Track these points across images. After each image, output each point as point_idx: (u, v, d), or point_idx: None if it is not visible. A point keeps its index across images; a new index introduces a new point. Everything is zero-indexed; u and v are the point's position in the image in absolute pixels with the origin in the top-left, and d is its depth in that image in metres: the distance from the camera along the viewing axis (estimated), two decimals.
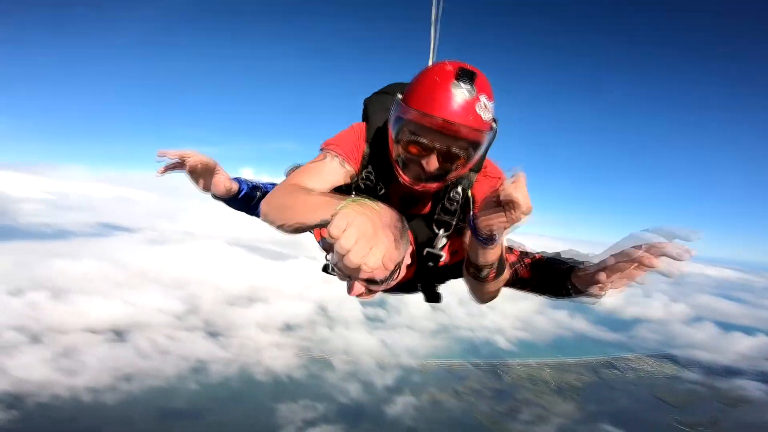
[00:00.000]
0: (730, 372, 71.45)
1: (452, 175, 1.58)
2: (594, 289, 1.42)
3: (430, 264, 1.74)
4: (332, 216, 1.03)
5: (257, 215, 1.82)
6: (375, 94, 1.98)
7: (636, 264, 1.32)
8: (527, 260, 1.80)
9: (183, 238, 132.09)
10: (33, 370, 45.71)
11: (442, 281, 1.95)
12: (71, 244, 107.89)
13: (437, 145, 1.46)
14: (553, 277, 1.64)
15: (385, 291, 1.91)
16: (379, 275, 1.07)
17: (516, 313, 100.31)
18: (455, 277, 1.84)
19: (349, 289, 1.38)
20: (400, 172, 1.58)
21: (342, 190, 1.81)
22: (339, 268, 1.18)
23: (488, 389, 60.23)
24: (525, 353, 78.43)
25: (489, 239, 1.35)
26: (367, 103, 1.94)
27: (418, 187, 1.58)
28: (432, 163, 1.49)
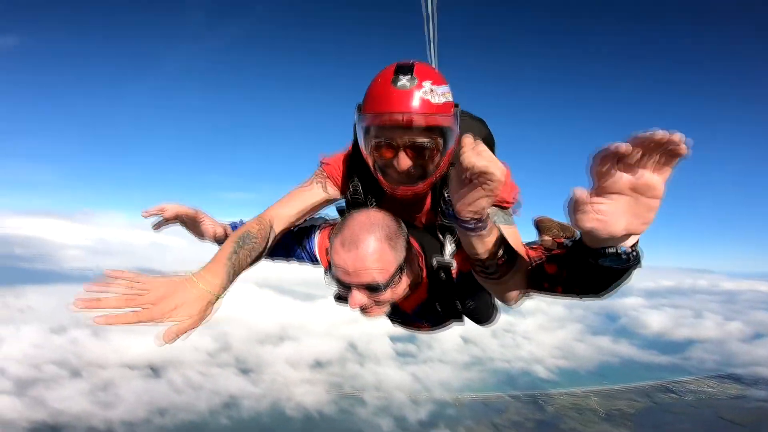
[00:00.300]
0: None
1: (431, 169, 1.51)
2: (585, 219, 0.94)
3: (443, 276, 1.64)
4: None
5: (271, 256, 1.88)
6: None
7: (615, 161, 0.88)
8: (554, 251, 1.53)
9: None
10: (71, 402, 46.97)
11: (461, 296, 1.74)
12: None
13: (398, 141, 1.43)
14: (578, 255, 1.21)
15: (411, 327, 2.16)
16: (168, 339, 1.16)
17: (554, 343, 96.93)
18: (473, 289, 1.64)
19: (351, 302, 1.45)
20: (382, 180, 1.56)
21: (349, 203, 1.88)
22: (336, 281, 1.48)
23: (530, 420, 56.13)
24: (567, 382, 73.84)
25: (478, 223, 1.17)
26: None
27: (402, 192, 1.54)
28: (403, 161, 1.46)
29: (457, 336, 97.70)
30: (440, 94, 1.44)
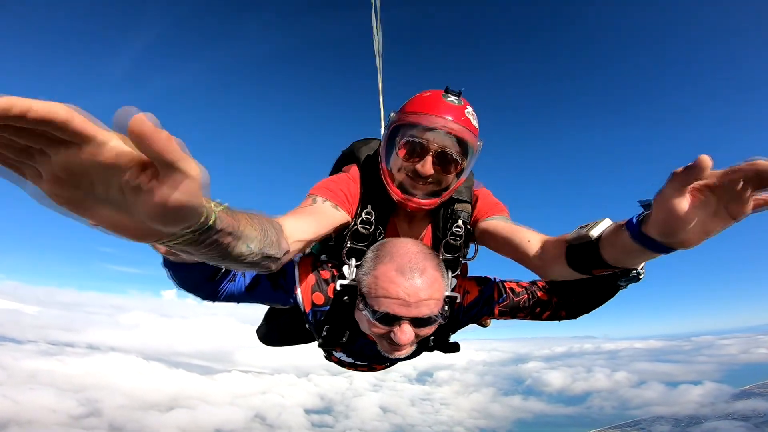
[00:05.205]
0: (697, 419, 72.65)
1: (444, 186, 1.58)
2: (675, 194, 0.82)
3: (447, 309, 1.50)
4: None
5: (218, 296, 1.38)
6: (351, 145, 1.99)
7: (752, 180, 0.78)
8: (540, 283, 1.69)
9: (86, 351, 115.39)
10: None
11: (455, 329, 1.73)
12: None
13: (431, 144, 1.50)
14: (582, 261, 1.15)
15: (365, 367, 2.00)
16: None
17: (470, 406, 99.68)
18: (466, 322, 1.71)
19: (401, 338, 1.31)
20: (393, 188, 1.57)
21: (338, 238, 1.64)
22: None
23: None
24: None
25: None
26: (351, 149, 1.92)
27: (414, 204, 1.55)
28: (427, 166, 1.50)
29: (375, 406, 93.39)
30: (476, 121, 1.59)
